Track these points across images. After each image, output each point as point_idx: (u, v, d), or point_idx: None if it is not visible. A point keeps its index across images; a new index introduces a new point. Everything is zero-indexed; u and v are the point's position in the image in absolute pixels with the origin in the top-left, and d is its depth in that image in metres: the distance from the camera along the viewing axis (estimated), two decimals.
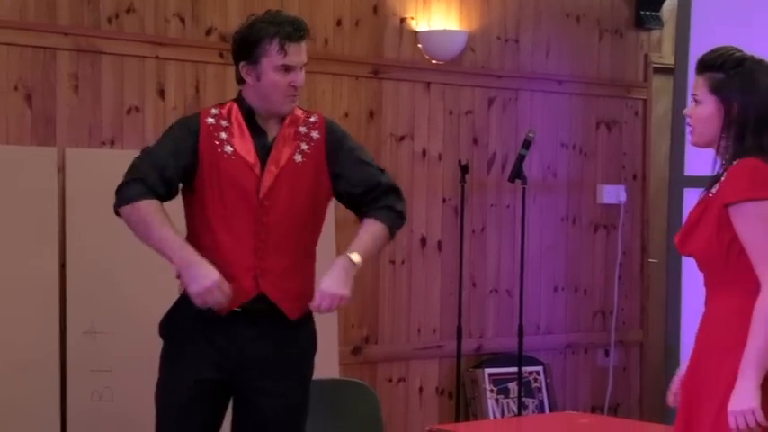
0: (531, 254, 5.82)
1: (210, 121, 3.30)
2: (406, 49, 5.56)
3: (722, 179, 2.79)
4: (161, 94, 4.82)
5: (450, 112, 5.70)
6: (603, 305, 6.27)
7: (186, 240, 3.30)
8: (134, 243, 3.40)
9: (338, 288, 3.22)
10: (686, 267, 5.29)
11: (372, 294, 5.44)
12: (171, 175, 3.25)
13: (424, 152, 5.61)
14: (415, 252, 5.58)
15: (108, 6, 4.69)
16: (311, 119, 3.37)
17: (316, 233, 3.41)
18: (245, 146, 3.29)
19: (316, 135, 3.35)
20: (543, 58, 6.03)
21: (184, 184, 3.30)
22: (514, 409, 5.65)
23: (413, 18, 5.56)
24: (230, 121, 3.31)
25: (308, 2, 5.17)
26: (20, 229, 4.23)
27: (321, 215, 3.41)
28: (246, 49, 3.27)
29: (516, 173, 5.38)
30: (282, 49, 3.23)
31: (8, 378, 4.14)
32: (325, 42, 5.25)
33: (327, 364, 4.06)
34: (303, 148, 3.32)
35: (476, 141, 5.79)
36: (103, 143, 4.67)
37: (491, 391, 5.70)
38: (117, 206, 3.24)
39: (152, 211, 3.18)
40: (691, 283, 5.27)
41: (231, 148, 3.28)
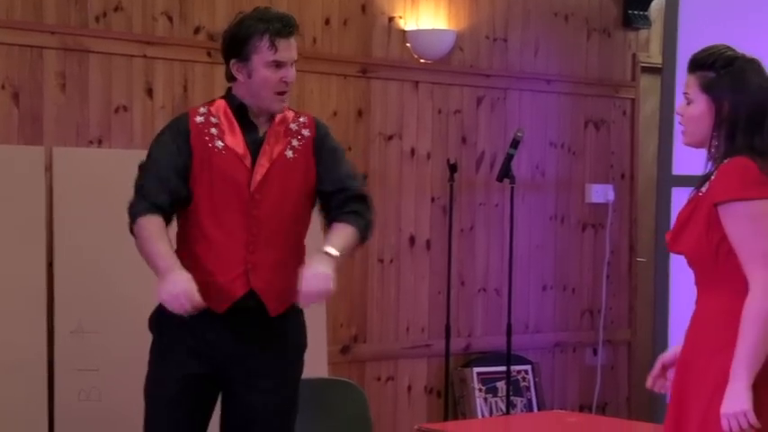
0: (520, 253, 5.83)
1: (200, 120, 3.31)
2: (394, 49, 5.56)
3: (712, 178, 2.78)
4: (149, 92, 4.81)
5: (439, 112, 5.70)
6: (592, 304, 6.28)
7: (178, 235, 3.33)
8: (122, 242, 3.40)
9: (320, 284, 3.17)
10: (674, 266, 5.30)
11: (361, 293, 5.44)
12: (173, 186, 3.26)
13: (412, 151, 5.61)
14: (403, 251, 5.58)
15: (95, 5, 4.68)
16: (301, 118, 3.40)
17: (305, 229, 3.42)
18: (235, 141, 3.30)
19: (306, 133, 3.38)
20: (532, 58, 6.03)
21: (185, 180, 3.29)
22: (503, 408, 5.66)
23: (401, 17, 5.56)
24: (220, 118, 3.32)
25: (296, 1, 5.17)
26: (7, 228, 4.22)
27: (310, 211, 3.43)
28: (237, 46, 3.28)
29: (505, 172, 5.39)
30: (273, 45, 3.24)
31: None
32: (314, 41, 5.25)
33: (316, 363, 4.06)
34: (294, 144, 3.35)
35: (464, 140, 5.79)
36: (91, 142, 4.65)
37: (479, 389, 5.71)
38: (130, 227, 3.28)
39: (149, 228, 3.21)
40: (679, 282, 5.28)
41: (222, 143, 3.29)
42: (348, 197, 3.35)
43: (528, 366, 5.90)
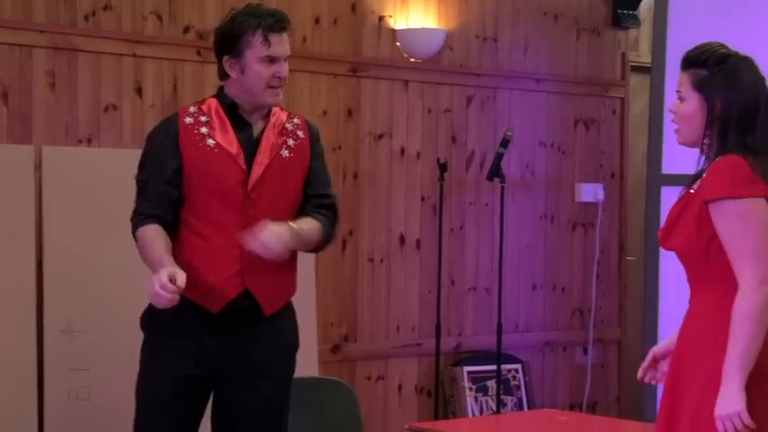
0: (510, 252, 5.83)
1: (189, 121, 3.31)
2: (384, 48, 5.56)
3: (704, 176, 2.77)
4: (138, 91, 4.80)
5: (429, 111, 5.70)
6: (582, 303, 6.28)
7: (174, 241, 3.31)
8: (111, 241, 3.40)
9: (276, 240, 3.14)
10: (664, 265, 5.31)
11: (351, 293, 5.44)
12: (168, 200, 3.27)
13: (402, 150, 5.61)
14: (393, 250, 5.58)
15: (84, 4, 4.67)
16: (295, 119, 3.41)
17: None
18: (227, 139, 3.30)
19: (301, 134, 3.39)
20: (521, 57, 6.04)
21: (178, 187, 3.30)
22: (493, 407, 5.66)
23: (391, 16, 5.56)
24: (210, 116, 3.31)
25: (285, 0, 5.16)
26: None
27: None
28: (229, 42, 3.28)
29: (495, 171, 5.39)
30: (266, 39, 3.25)
31: None
32: (304, 40, 5.24)
33: (306, 362, 4.05)
34: (290, 143, 3.36)
35: (454, 140, 5.80)
36: (80, 141, 4.64)
37: (470, 388, 5.71)
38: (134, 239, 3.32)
39: (146, 235, 3.24)
40: (668, 280, 5.29)
41: (213, 141, 3.29)
42: (323, 204, 3.37)
43: (518, 365, 5.91)
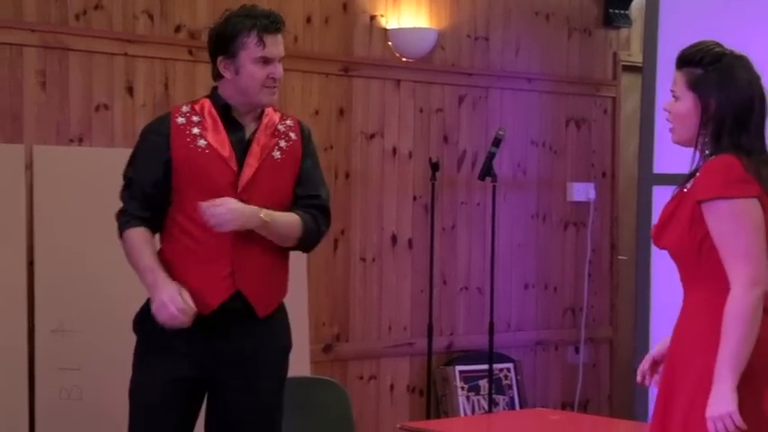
0: (502, 251, 5.83)
1: (181, 121, 3.30)
2: (376, 47, 5.55)
3: (697, 175, 2.76)
4: (130, 91, 4.79)
5: (421, 110, 5.70)
6: (573, 302, 6.29)
7: (162, 236, 3.32)
8: (103, 241, 3.39)
9: (237, 212, 3.16)
10: (655, 264, 5.32)
11: (343, 292, 5.43)
12: (155, 201, 3.28)
13: (394, 150, 5.61)
14: (385, 250, 5.57)
15: (75, 3, 4.66)
16: (288, 121, 3.41)
17: None
18: (219, 139, 3.29)
19: (293, 136, 3.38)
20: (513, 57, 6.04)
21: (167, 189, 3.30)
22: (485, 407, 5.66)
23: (383, 15, 5.56)
24: (203, 116, 3.31)
25: None
26: None
27: None
28: (224, 43, 3.28)
29: (486, 170, 5.39)
30: (261, 40, 3.25)
31: None
32: (295, 40, 5.24)
33: (298, 362, 4.04)
34: (282, 145, 3.35)
35: (446, 139, 5.80)
36: (72, 140, 4.63)
37: (462, 388, 5.71)
38: (119, 236, 3.34)
39: (134, 241, 3.27)
40: (660, 279, 5.29)
41: (205, 142, 3.28)
42: (313, 204, 3.37)
43: (510, 364, 5.91)
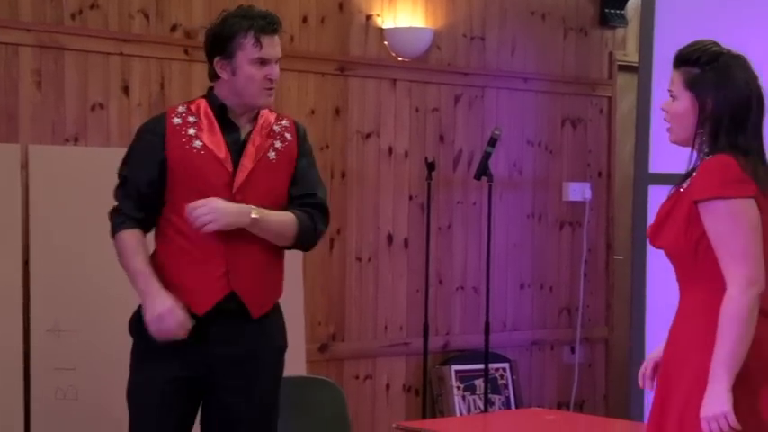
0: (498, 251, 5.84)
1: (177, 121, 3.30)
2: (372, 47, 5.55)
3: (694, 175, 2.76)
4: (125, 90, 4.79)
5: (417, 110, 5.70)
6: (569, 302, 6.29)
7: (157, 236, 3.31)
8: (98, 241, 3.39)
9: (222, 210, 3.16)
10: (651, 264, 5.32)
11: (339, 292, 5.43)
12: (149, 202, 3.28)
13: (390, 149, 5.61)
14: (381, 249, 5.57)
15: (71, 2, 4.66)
16: (283, 121, 3.40)
17: None
18: (214, 140, 3.29)
19: (289, 136, 3.38)
20: (509, 56, 6.04)
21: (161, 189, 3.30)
22: (481, 406, 5.67)
23: (378, 15, 5.56)
24: (199, 117, 3.31)
25: None
26: None
27: None
28: (221, 44, 3.27)
29: (482, 170, 5.39)
30: (258, 41, 3.24)
31: None
32: (291, 39, 5.24)
33: (294, 361, 4.04)
34: (277, 146, 3.35)
35: (442, 139, 5.80)
36: (67, 140, 4.63)
37: (458, 387, 5.71)
38: (111, 236, 3.34)
39: (127, 243, 3.27)
40: (656, 279, 5.30)
41: (200, 143, 3.28)
42: (309, 203, 3.36)
43: (506, 364, 5.91)
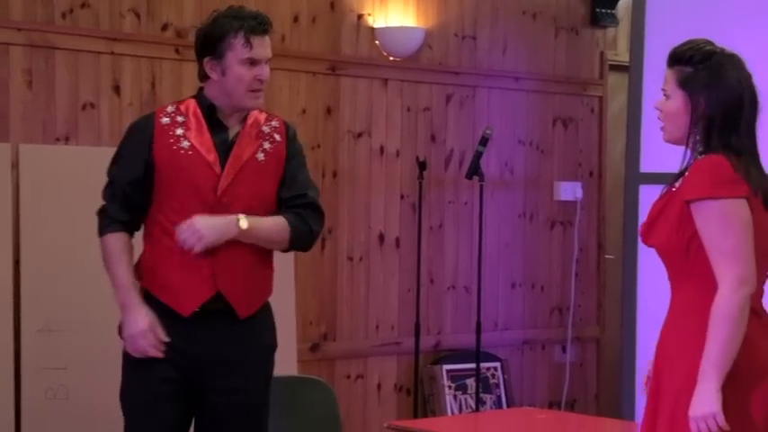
0: (489, 250, 5.84)
1: (165, 121, 3.29)
2: (363, 46, 5.55)
3: (686, 174, 2.76)
4: (116, 89, 4.78)
5: (408, 109, 5.70)
6: (560, 301, 6.30)
7: (144, 236, 3.31)
8: (89, 240, 3.38)
9: (206, 228, 3.18)
10: (642, 264, 5.32)
11: (330, 291, 5.43)
12: (135, 203, 3.29)
13: (381, 149, 5.61)
14: (373, 249, 5.57)
15: (62, 1, 4.65)
16: (273, 122, 3.39)
17: None
18: (202, 141, 3.28)
19: (278, 137, 3.37)
20: (500, 56, 6.04)
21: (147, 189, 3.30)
22: (472, 405, 5.67)
23: (370, 14, 5.55)
24: (188, 116, 3.30)
25: None
26: None
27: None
28: (211, 44, 3.27)
29: (474, 169, 5.39)
30: (248, 42, 3.24)
31: None
32: (282, 39, 5.23)
33: (285, 361, 4.04)
34: (266, 146, 3.33)
35: (433, 138, 5.80)
36: (58, 139, 4.62)
37: (449, 387, 5.71)
38: (99, 234, 3.36)
39: (111, 248, 3.30)
40: (647, 278, 5.30)
41: (188, 143, 3.27)
42: (301, 203, 3.35)
43: (497, 363, 5.91)
